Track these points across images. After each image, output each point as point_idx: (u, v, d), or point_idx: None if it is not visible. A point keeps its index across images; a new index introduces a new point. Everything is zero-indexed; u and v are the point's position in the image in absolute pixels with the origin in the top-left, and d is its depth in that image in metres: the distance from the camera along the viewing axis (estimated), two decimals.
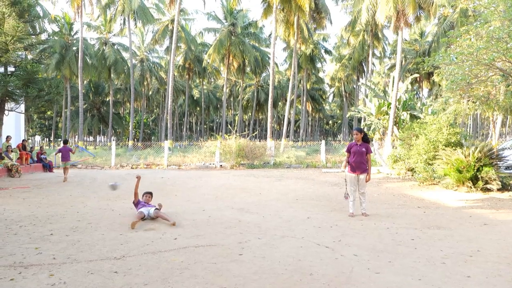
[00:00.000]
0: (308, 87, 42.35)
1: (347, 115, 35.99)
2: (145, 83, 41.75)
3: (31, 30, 11.67)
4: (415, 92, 36.65)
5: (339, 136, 62.82)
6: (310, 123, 58.27)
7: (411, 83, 30.49)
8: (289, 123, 30.25)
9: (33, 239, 3.99)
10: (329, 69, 44.54)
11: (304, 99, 38.63)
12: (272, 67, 23.06)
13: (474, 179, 7.81)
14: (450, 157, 8.11)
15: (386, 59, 39.86)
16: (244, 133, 17.72)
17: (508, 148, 9.59)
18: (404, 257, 3.43)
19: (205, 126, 60.14)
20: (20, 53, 10.39)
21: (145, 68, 39.67)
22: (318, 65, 40.98)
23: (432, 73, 29.94)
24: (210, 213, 5.67)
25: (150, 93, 46.72)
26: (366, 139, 5.68)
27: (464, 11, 21.79)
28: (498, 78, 6.84)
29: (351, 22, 28.99)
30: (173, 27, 25.93)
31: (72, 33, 32.83)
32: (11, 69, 10.08)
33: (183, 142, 30.54)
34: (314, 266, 3.16)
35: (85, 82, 37.02)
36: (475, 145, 8.29)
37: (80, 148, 14.23)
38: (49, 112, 44.10)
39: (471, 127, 41.06)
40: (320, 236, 4.24)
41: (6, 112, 10.49)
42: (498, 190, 7.68)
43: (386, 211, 5.99)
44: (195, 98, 50.34)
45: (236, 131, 16.81)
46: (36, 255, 3.42)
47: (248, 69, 37.65)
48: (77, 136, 34.92)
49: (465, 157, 7.87)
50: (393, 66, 35.87)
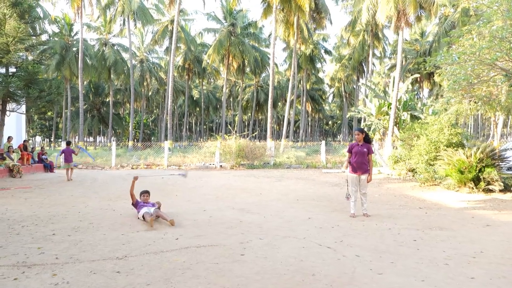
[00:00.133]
0: (308, 88, 42.34)
1: (347, 116, 36.01)
2: (145, 84, 41.76)
3: (32, 31, 11.68)
4: (416, 93, 36.62)
5: (339, 137, 62.79)
6: (310, 124, 58.27)
7: (412, 83, 30.47)
8: (289, 124, 30.22)
9: (36, 239, 4.00)
10: (329, 69, 44.52)
11: (304, 100, 38.61)
12: (272, 67, 23.06)
13: (476, 180, 7.78)
14: (452, 158, 8.09)
15: (386, 59, 39.84)
16: (244, 134, 17.70)
17: (510, 149, 9.56)
18: (407, 258, 3.42)
19: (205, 127, 60.12)
20: (21, 54, 10.40)
21: (145, 69, 39.68)
22: (318, 65, 40.97)
23: (433, 74, 29.92)
24: (211, 213, 5.66)
25: (150, 94, 46.73)
26: (368, 140, 5.67)
27: (466, 11, 21.74)
28: (501, 78, 6.81)
29: (351, 22, 28.99)
30: (173, 28, 25.93)
31: (72, 34, 32.84)
32: (12, 70, 10.08)
33: (183, 143, 30.55)
34: (316, 267, 3.15)
35: (85, 83, 37.02)
36: (477, 146, 8.27)
37: (81, 149, 14.24)
38: (50, 113, 44.14)
39: (472, 128, 41.06)
40: (322, 237, 4.23)
41: (8, 113, 10.50)
42: (500, 191, 7.65)
43: (388, 212, 5.97)
44: (195, 99, 50.34)
45: (236, 132, 16.78)
46: (39, 255, 3.43)
47: (248, 70, 37.64)
48: (78, 137, 34.91)
49: (467, 158, 7.84)
50: (393, 66, 35.85)
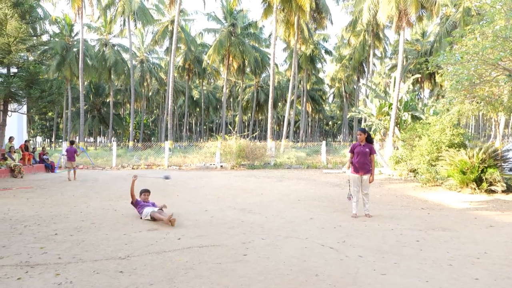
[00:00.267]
0: (308, 88, 42.33)
1: (348, 116, 35.94)
2: (145, 84, 41.79)
3: (32, 32, 11.68)
4: (416, 93, 36.60)
5: (339, 137, 62.79)
6: (310, 124, 58.24)
7: (412, 84, 30.46)
8: (289, 124, 30.20)
9: (38, 239, 4.00)
10: (329, 70, 44.52)
11: (304, 100, 38.59)
12: (272, 68, 23.05)
13: (478, 181, 7.77)
14: (454, 158, 8.07)
15: (387, 60, 39.83)
16: (244, 134, 17.68)
17: None
18: (410, 259, 3.41)
19: (205, 127, 60.14)
20: (23, 55, 10.39)
21: (145, 69, 39.70)
22: (318, 66, 40.97)
23: (434, 74, 29.90)
24: (213, 214, 5.65)
25: (150, 94, 46.76)
26: (370, 140, 5.66)
27: (467, 10, 21.72)
28: (504, 79, 6.80)
29: (352, 22, 28.98)
30: (173, 28, 25.94)
31: (73, 35, 32.86)
32: (14, 70, 10.08)
33: (183, 143, 30.53)
34: (319, 267, 3.14)
35: (86, 83, 37.05)
36: (479, 146, 8.26)
37: (82, 150, 14.26)
38: (50, 113, 44.15)
39: (473, 128, 41.03)
40: (324, 237, 4.22)
41: (9, 113, 10.50)
42: (503, 192, 7.63)
43: (390, 212, 5.96)
44: (195, 99, 50.36)
45: (236, 132, 16.77)
46: (42, 255, 3.42)
47: (248, 70, 37.63)
48: (78, 137, 34.91)
49: (469, 159, 7.82)
50: (394, 67, 35.85)
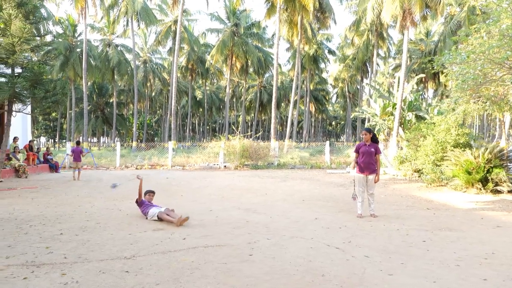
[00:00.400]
0: (311, 88, 42.25)
1: (351, 116, 35.87)
2: (148, 84, 41.93)
3: (36, 32, 11.75)
4: (420, 93, 36.39)
5: (342, 137, 62.65)
6: (313, 124, 58.12)
7: (416, 84, 30.26)
8: (292, 124, 30.21)
9: (44, 239, 4.01)
10: (333, 70, 44.46)
11: (307, 100, 38.52)
12: (276, 68, 23.03)
13: (484, 181, 7.71)
14: (459, 158, 8.02)
15: (391, 59, 39.67)
16: (248, 134, 17.69)
17: None
18: (417, 259, 3.39)
19: (208, 127, 60.22)
20: (27, 55, 10.44)
21: (148, 69, 39.83)
22: (322, 66, 40.85)
23: (438, 74, 29.70)
24: (217, 214, 5.65)
25: (153, 94, 46.92)
26: (375, 140, 5.63)
27: (472, 10, 21.55)
28: (510, 78, 6.74)
29: (356, 22, 28.89)
30: (176, 28, 26.02)
31: (76, 35, 33.02)
32: (18, 71, 10.13)
33: (186, 143, 30.62)
34: (326, 267, 3.13)
35: (89, 84, 37.23)
36: (485, 146, 8.19)
37: (86, 150, 14.34)
38: (54, 114, 44.46)
39: (478, 128, 40.70)
40: (330, 237, 4.20)
41: (14, 113, 10.55)
42: (509, 192, 7.57)
43: (395, 213, 5.93)
44: (198, 99, 50.44)
45: (239, 132, 16.78)
46: (48, 254, 3.43)
47: (251, 70, 37.63)
48: (82, 137, 35.10)
49: (475, 159, 7.77)
50: (398, 66, 35.69)
